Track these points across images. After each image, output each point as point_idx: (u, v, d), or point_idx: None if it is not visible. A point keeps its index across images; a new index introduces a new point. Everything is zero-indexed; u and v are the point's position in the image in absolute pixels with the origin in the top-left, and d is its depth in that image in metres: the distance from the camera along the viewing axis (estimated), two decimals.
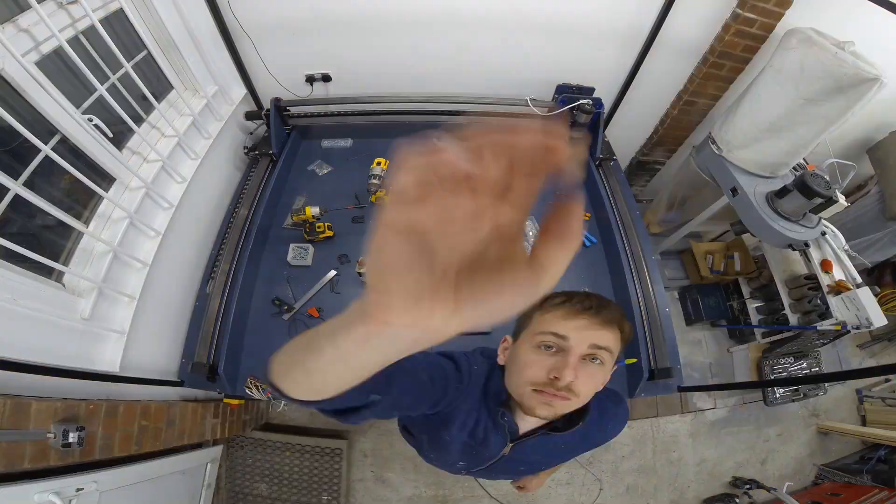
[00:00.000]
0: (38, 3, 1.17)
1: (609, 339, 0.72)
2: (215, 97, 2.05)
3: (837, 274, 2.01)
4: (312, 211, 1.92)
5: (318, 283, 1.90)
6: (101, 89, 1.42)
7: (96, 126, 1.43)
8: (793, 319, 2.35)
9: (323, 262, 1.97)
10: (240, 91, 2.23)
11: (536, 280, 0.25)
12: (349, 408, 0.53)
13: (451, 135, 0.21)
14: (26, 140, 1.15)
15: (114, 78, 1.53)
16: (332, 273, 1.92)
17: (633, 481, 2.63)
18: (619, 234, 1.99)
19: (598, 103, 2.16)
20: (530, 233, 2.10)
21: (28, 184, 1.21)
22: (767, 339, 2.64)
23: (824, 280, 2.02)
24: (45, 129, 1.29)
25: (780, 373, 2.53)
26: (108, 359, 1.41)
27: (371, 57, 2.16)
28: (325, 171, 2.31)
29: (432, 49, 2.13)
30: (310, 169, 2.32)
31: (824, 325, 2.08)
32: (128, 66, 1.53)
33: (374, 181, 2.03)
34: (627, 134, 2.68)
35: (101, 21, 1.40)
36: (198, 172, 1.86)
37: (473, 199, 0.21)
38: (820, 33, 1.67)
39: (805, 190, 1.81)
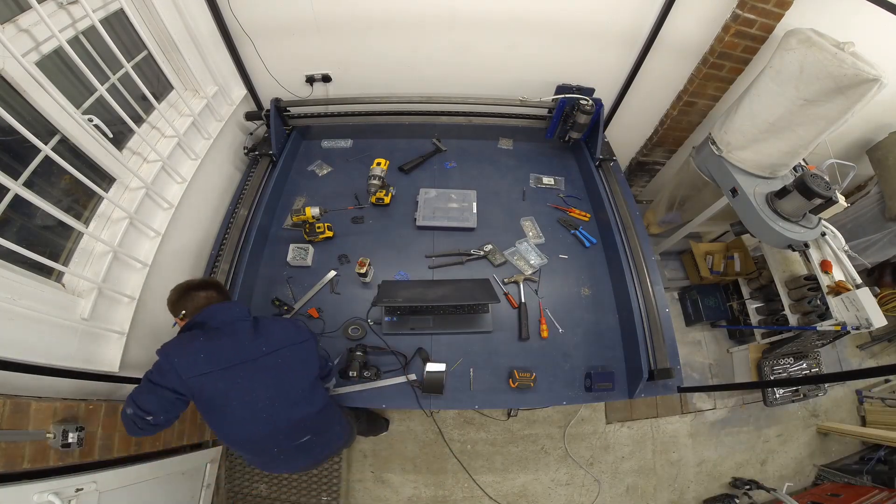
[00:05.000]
0: (39, 3, 1.17)
1: None
2: (215, 97, 2.05)
3: (837, 274, 2.01)
4: (312, 211, 1.92)
5: (317, 283, 1.90)
6: (102, 89, 1.42)
7: (96, 126, 1.43)
8: (792, 320, 2.35)
9: (323, 263, 1.97)
10: (240, 91, 2.23)
11: None
12: None
13: None
14: (26, 140, 1.15)
15: (114, 78, 1.54)
16: (332, 273, 1.92)
17: (633, 482, 2.63)
18: (619, 235, 1.99)
19: (598, 104, 2.16)
20: (530, 233, 2.10)
21: (28, 184, 1.22)
22: (767, 340, 2.64)
23: (824, 281, 2.02)
24: (45, 129, 1.30)
25: (779, 373, 2.53)
26: (108, 359, 1.41)
27: (371, 57, 2.16)
28: (325, 172, 2.32)
29: (432, 49, 2.14)
30: (310, 169, 2.33)
31: (824, 326, 2.08)
32: (128, 67, 1.53)
33: (374, 181, 2.03)
34: (627, 134, 2.69)
35: (101, 21, 1.40)
36: (198, 173, 1.87)
37: None
38: (819, 34, 1.67)
39: (805, 190, 1.81)
